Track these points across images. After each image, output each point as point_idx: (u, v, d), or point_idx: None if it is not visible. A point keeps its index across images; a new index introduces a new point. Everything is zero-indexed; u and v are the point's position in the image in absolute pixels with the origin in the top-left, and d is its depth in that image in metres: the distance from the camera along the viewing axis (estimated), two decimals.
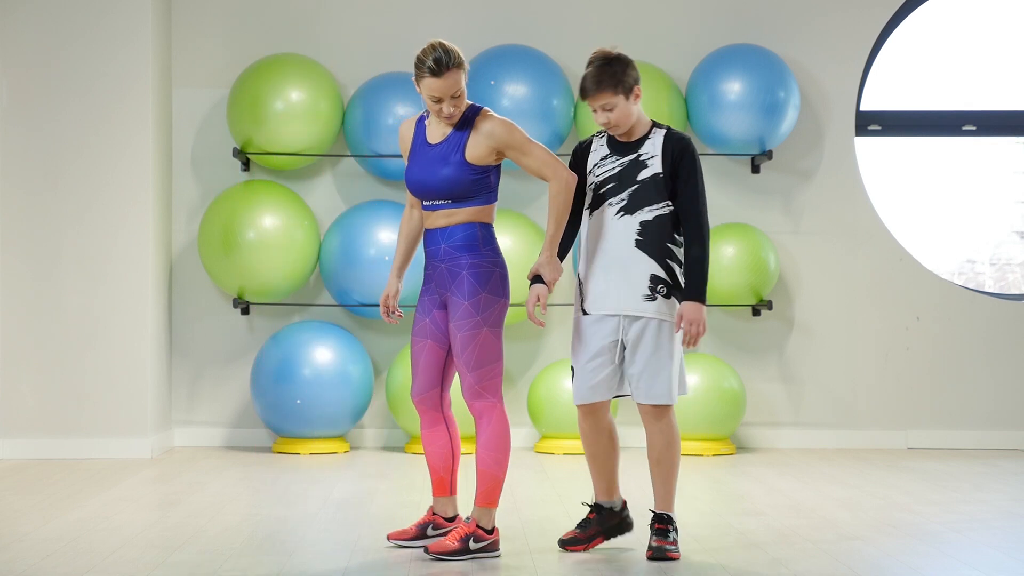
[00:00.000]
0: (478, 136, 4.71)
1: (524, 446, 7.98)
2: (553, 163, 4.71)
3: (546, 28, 8.05)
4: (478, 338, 4.71)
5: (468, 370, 4.73)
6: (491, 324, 4.73)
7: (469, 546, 4.70)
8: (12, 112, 7.43)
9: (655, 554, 4.72)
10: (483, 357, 4.72)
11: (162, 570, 4.52)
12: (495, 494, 4.76)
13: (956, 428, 8.12)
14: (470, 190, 4.74)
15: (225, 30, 7.99)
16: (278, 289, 7.66)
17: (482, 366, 4.73)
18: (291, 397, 7.44)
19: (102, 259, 7.44)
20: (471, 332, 4.71)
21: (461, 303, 4.73)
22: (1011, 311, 8.19)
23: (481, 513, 4.75)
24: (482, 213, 4.77)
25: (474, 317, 4.71)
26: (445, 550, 4.69)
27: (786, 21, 8.11)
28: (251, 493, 6.28)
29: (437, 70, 4.63)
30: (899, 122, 8.40)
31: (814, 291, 8.10)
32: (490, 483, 4.75)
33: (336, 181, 8.01)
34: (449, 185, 4.74)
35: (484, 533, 4.74)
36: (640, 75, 4.78)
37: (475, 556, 4.71)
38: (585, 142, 4.89)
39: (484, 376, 4.73)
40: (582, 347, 4.81)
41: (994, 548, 4.99)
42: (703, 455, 7.55)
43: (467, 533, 4.71)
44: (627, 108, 4.73)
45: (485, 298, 4.72)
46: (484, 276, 4.73)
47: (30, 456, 7.37)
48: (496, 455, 4.75)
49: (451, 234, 4.76)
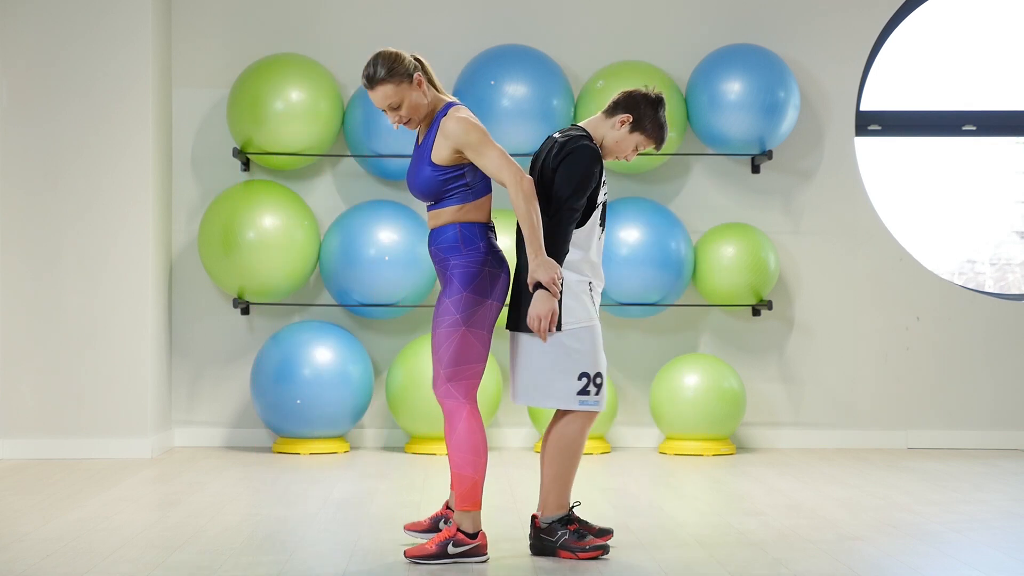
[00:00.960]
0: (440, 136, 4.69)
1: (524, 446, 7.98)
2: (508, 167, 4.60)
3: (546, 28, 8.05)
4: (454, 337, 4.67)
5: (441, 367, 4.70)
6: (472, 325, 4.68)
7: (447, 550, 4.65)
8: (12, 112, 7.43)
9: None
10: (457, 357, 4.68)
11: (162, 570, 4.52)
12: (474, 496, 4.69)
13: (956, 428, 8.12)
14: (443, 190, 4.72)
15: (225, 30, 7.99)
16: (278, 289, 7.66)
17: (455, 365, 4.68)
18: (291, 397, 7.44)
19: (102, 259, 7.44)
20: (448, 330, 4.67)
21: (443, 300, 4.71)
22: (1011, 311, 8.19)
23: (461, 516, 4.70)
24: (462, 213, 4.73)
25: (453, 315, 4.67)
26: (422, 553, 4.65)
27: (786, 21, 8.11)
28: (251, 493, 6.28)
29: (368, 84, 4.70)
30: (899, 122, 8.40)
31: (814, 291, 8.10)
32: (466, 485, 4.68)
33: (336, 181, 8.01)
34: (424, 185, 4.74)
35: (465, 537, 4.68)
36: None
37: (456, 560, 4.66)
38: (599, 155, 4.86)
39: (456, 376, 4.69)
40: (603, 355, 4.83)
41: (994, 548, 4.99)
42: (703, 455, 7.55)
43: (446, 537, 4.67)
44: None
45: (467, 297, 4.68)
46: (469, 276, 4.69)
47: (30, 456, 7.37)
48: (468, 456, 4.68)
49: (436, 236, 4.76)
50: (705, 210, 8.05)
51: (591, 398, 4.77)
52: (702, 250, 7.75)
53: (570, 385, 4.75)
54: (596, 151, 4.76)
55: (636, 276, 7.52)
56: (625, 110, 4.83)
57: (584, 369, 4.75)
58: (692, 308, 8.03)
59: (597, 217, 4.78)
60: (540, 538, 4.81)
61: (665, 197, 8.05)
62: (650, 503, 5.97)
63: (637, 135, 4.85)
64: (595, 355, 4.78)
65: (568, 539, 4.77)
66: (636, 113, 4.82)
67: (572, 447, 4.80)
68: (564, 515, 4.81)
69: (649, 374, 7.94)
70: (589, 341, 4.76)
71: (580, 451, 4.83)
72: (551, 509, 4.82)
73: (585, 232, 4.77)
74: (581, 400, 4.76)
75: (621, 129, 4.83)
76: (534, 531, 4.82)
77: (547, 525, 4.80)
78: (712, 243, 7.72)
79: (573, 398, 4.76)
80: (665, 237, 7.61)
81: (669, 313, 8.02)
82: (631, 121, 4.82)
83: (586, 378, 4.75)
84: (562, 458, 4.80)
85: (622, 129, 4.83)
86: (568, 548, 4.76)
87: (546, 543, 4.80)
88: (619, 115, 4.84)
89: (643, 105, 4.83)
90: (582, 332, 4.75)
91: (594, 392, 4.77)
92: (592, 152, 4.74)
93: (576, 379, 4.75)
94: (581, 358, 4.75)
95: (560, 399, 4.77)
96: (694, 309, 8.05)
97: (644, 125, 4.83)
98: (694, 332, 8.07)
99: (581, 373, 4.75)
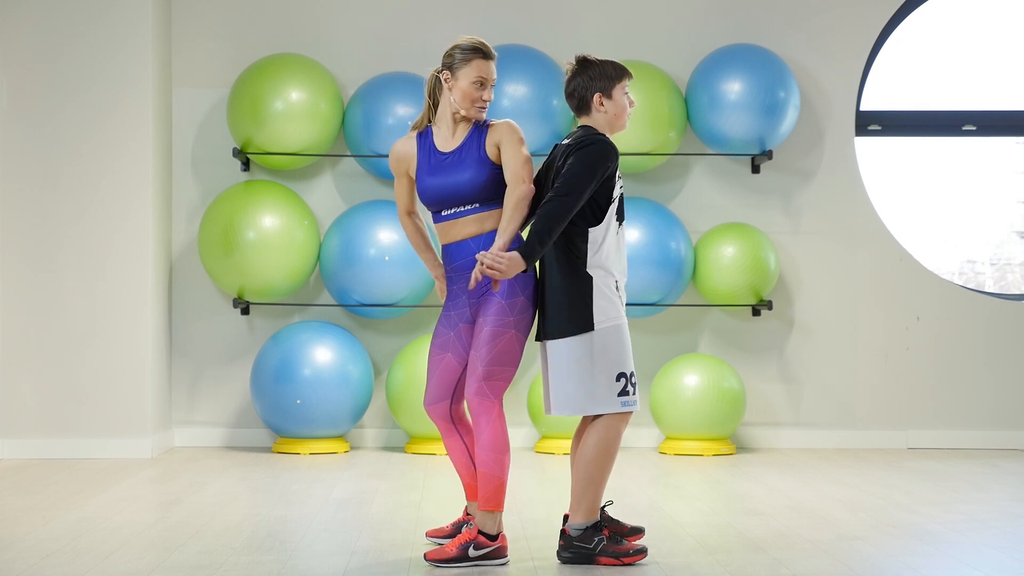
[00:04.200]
0: (492, 134, 4.77)
1: (524, 446, 7.98)
2: (529, 168, 4.74)
3: (546, 28, 8.05)
4: (502, 337, 4.66)
5: (481, 365, 4.67)
6: (519, 328, 4.69)
7: (468, 553, 4.62)
8: (12, 112, 7.43)
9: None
10: (500, 358, 4.67)
11: (162, 570, 4.52)
12: (498, 497, 4.68)
13: (956, 428, 8.12)
14: (496, 190, 4.73)
15: (225, 30, 7.99)
16: (278, 289, 7.66)
17: (495, 365, 4.67)
18: (291, 397, 7.44)
19: (102, 259, 7.44)
20: (498, 329, 4.66)
21: (498, 301, 4.68)
22: (1011, 311, 8.19)
23: (484, 517, 4.68)
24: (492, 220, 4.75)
25: (507, 317, 4.66)
26: (443, 557, 4.62)
27: (786, 21, 8.11)
28: (251, 493, 6.28)
29: (489, 52, 4.77)
30: (899, 122, 8.40)
31: (814, 291, 8.10)
32: (492, 485, 4.67)
33: (336, 181, 8.01)
34: (473, 186, 4.73)
35: (486, 540, 4.66)
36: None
37: (476, 563, 4.63)
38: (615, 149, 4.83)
39: (494, 376, 4.67)
40: (631, 353, 4.80)
41: (994, 548, 4.99)
42: (703, 455, 7.56)
43: (467, 540, 4.64)
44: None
45: (522, 302, 4.68)
46: (525, 280, 4.70)
47: (30, 456, 7.37)
48: (496, 456, 4.67)
49: (487, 241, 4.73)
50: (705, 210, 8.05)
51: (631, 397, 4.72)
52: (702, 250, 7.75)
53: (611, 388, 4.69)
54: (612, 145, 4.73)
55: (636, 276, 7.52)
56: (589, 93, 4.79)
57: (621, 369, 4.70)
58: (692, 308, 8.03)
59: (613, 212, 4.75)
60: (575, 547, 4.69)
61: (665, 197, 8.05)
62: (650, 503, 5.97)
63: (613, 93, 4.78)
64: (627, 352, 4.74)
65: (607, 545, 4.68)
66: (594, 86, 4.77)
67: (611, 450, 4.72)
68: (596, 521, 4.72)
69: (649, 374, 7.93)
70: (620, 339, 4.71)
71: (616, 454, 4.77)
72: (582, 516, 4.71)
73: (602, 229, 4.71)
74: (623, 401, 4.70)
75: (604, 106, 4.79)
76: (566, 540, 4.71)
77: (580, 532, 4.70)
78: (712, 243, 7.72)
79: (615, 400, 4.70)
80: (665, 237, 7.61)
81: (669, 313, 8.03)
82: (602, 94, 4.79)
83: (624, 378, 4.70)
84: (601, 462, 4.71)
85: (605, 105, 4.79)
86: (609, 554, 4.67)
87: (581, 551, 4.69)
88: (592, 102, 4.79)
89: (588, 78, 4.78)
90: (612, 331, 4.70)
91: (632, 392, 4.72)
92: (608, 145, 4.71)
93: (615, 380, 4.69)
94: (617, 358, 4.70)
95: (603, 404, 4.70)
96: (694, 309, 8.05)
97: (608, 84, 4.78)
98: (694, 332, 8.07)
99: (619, 374, 4.69)
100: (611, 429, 4.71)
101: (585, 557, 4.68)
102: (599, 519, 4.73)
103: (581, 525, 4.70)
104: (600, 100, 4.77)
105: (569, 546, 4.70)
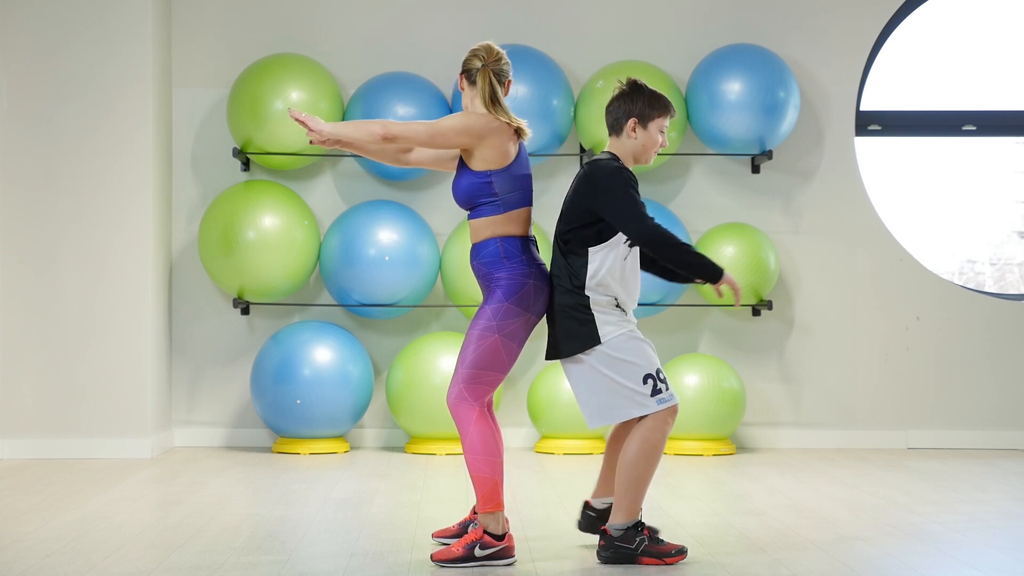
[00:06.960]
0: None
1: (524, 446, 7.98)
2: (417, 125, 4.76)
3: (546, 28, 8.05)
4: (485, 341, 4.68)
5: (463, 367, 4.70)
6: (505, 334, 4.69)
7: (474, 553, 4.62)
8: (12, 112, 7.43)
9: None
10: (482, 360, 4.68)
11: (162, 570, 4.52)
12: (496, 497, 4.68)
13: (956, 428, 8.12)
14: (474, 196, 4.76)
15: (225, 30, 7.99)
16: (278, 289, 7.66)
17: (476, 368, 4.68)
18: (291, 397, 7.44)
19: (102, 259, 7.44)
20: (481, 333, 4.68)
21: (484, 308, 4.73)
22: (1011, 311, 8.19)
23: (486, 518, 4.68)
24: (498, 225, 4.76)
25: (490, 322, 4.69)
26: (448, 557, 4.61)
27: (786, 21, 8.11)
28: (251, 493, 6.28)
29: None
30: (899, 122, 8.40)
31: (814, 291, 8.10)
32: (487, 487, 4.67)
33: (336, 181, 8.01)
34: (457, 192, 4.82)
35: (492, 539, 4.65)
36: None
37: (482, 564, 4.63)
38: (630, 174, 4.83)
39: (473, 379, 4.69)
40: (653, 352, 4.79)
41: (994, 548, 4.99)
42: (703, 455, 7.56)
43: (473, 540, 4.64)
44: None
45: (507, 308, 4.69)
46: (513, 288, 4.71)
47: (30, 456, 7.37)
48: (486, 458, 4.67)
49: (478, 252, 4.79)
50: (705, 210, 8.05)
51: (665, 394, 4.71)
52: (702, 250, 7.74)
53: (640, 391, 4.69)
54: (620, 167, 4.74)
55: None
56: (625, 117, 4.83)
57: (646, 371, 4.70)
58: (692, 308, 8.03)
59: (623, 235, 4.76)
60: (616, 547, 4.68)
61: (665, 197, 8.05)
62: (650, 503, 5.97)
63: (650, 124, 4.83)
64: (647, 354, 4.74)
65: (649, 545, 4.68)
66: (633, 111, 4.82)
67: (656, 452, 4.71)
68: (637, 521, 4.71)
69: None
70: (633, 345, 4.72)
71: (660, 456, 4.75)
72: (623, 516, 4.70)
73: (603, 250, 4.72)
74: (659, 399, 4.71)
75: (636, 133, 4.82)
76: (607, 540, 4.69)
77: (622, 532, 4.69)
78: (712, 243, 7.72)
79: (650, 400, 4.70)
80: None
81: (669, 313, 8.02)
82: (637, 121, 4.82)
83: (651, 379, 4.70)
84: (646, 462, 4.70)
85: (637, 132, 4.82)
86: (652, 554, 4.67)
87: (623, 551, 4.67)
88: (624, 125, 4.83)
89: (631, 102, 4.82)
90: (622, 339, 4.71)
91: (664, 388, 4.72)
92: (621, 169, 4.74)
93: (643, 383, 4.70)
94: (637, 361, 4.70)
95: (638, 407, 4.70)
96: (694, 309, 8.05)
97: (648, 113, 4.82)
98: (694, 332, 8.07)
99: (645, 376, 4.70)
100: (655, 431, 4.71)
101: (627, 557, 4.68)
102: (640, 519, 4.73)
103: (622, 525, 4.70)
104: (634, 126, 4.80)
105: (610, 546, 4.69)
